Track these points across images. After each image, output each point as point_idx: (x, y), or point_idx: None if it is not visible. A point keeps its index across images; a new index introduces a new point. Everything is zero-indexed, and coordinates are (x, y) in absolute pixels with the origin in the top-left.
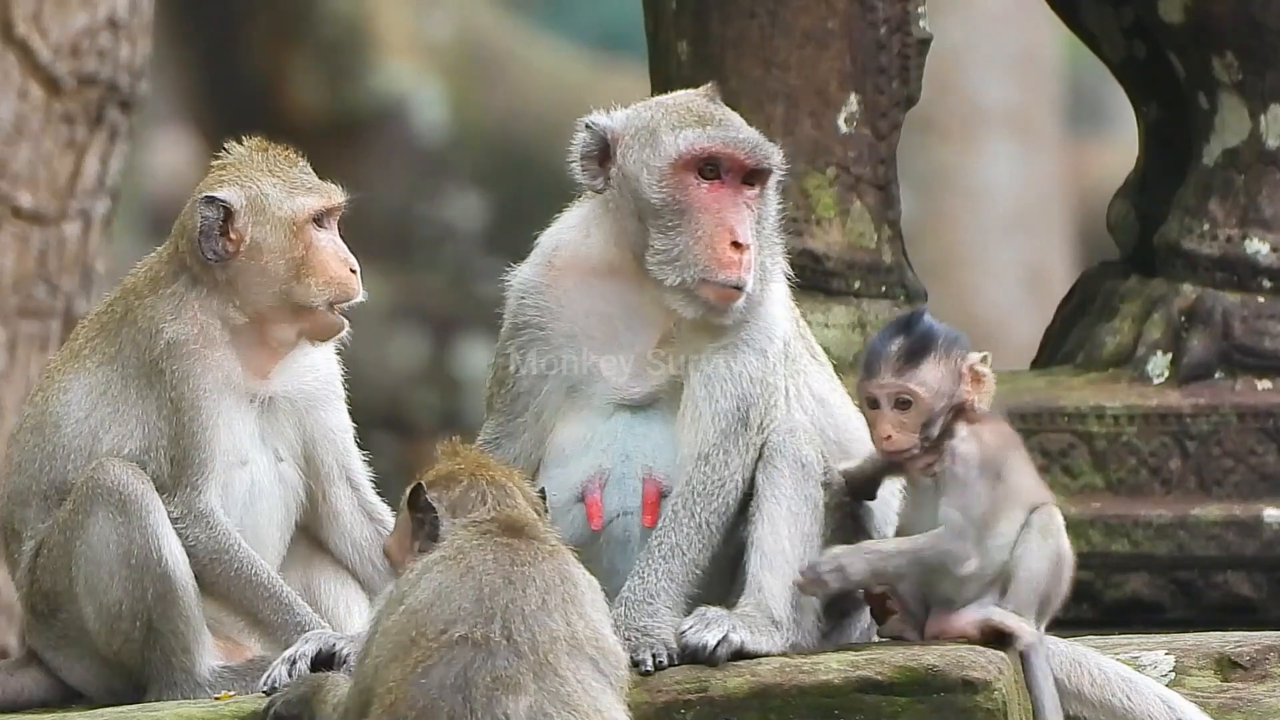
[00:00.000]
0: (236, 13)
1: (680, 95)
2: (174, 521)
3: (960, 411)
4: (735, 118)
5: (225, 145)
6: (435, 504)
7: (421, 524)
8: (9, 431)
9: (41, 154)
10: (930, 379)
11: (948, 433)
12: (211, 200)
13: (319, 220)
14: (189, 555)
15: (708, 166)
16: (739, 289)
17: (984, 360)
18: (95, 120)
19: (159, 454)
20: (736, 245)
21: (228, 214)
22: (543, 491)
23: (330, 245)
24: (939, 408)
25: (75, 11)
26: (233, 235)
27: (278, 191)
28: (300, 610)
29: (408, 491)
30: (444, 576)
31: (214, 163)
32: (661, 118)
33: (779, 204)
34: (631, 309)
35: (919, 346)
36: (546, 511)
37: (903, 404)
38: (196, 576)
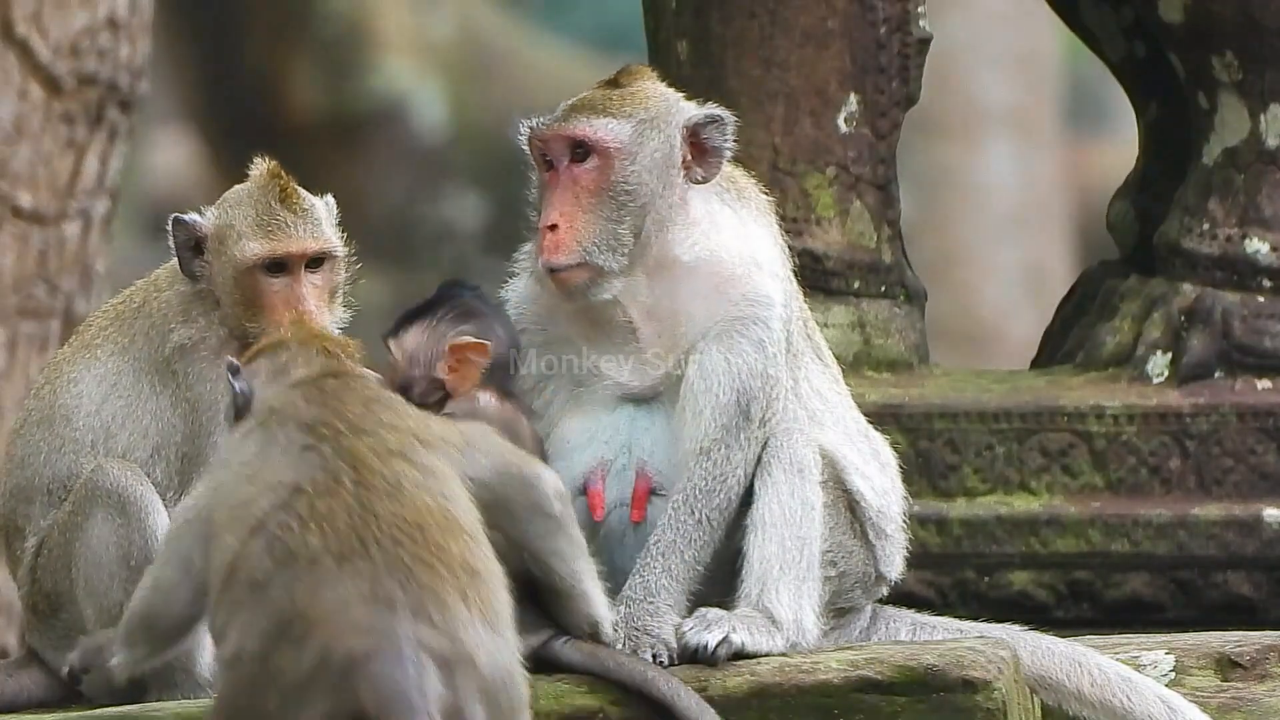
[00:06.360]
0: (236, 13)
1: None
2: None
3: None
4: (583, 98)
5: (252, 157)
6: (254, 373)
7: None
8: (11, 428)
9: (41, 154)
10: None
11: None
12: (179, 222)
13: (272, 266)
14: None
15: (543, 158)
16: (554, 271)
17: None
18: (95, 120)
19: (170, 450)
20: (542, 229)
21: (197, 236)
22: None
23: (282, 292)
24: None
25: (75, 11)
26: (206, 259)
27: (241, 228)
28: None
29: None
30: (260, 434)
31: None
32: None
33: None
34: (585, 309)
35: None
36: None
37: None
38: None
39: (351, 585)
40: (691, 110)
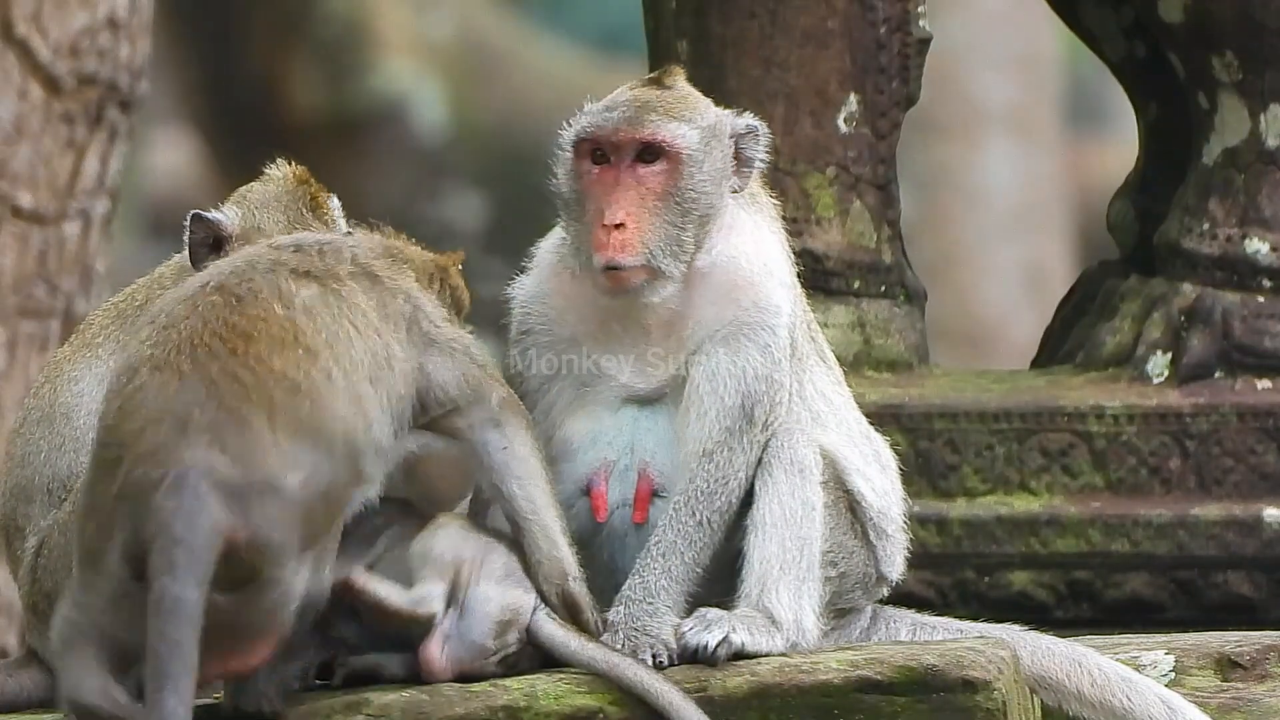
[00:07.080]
0: (236, 13)
1: (630, 84)
2: None
3: None
4: (638, 96)
5: (252, 157)
6: None
7: None
8: (11, 427)
9: (41, 154)
10: None
11: None
12: (200, 219)
13: None
14: None
15: (596, 151)
16: (615, 269)
17: None
18: (95, 120)
19: None
20: (606, 226)
21: (219, 235)
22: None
23: None
24: None
25: (75, 11)
26: (225, 255)
27: (271, 232)
28: None
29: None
30: None
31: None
32: (588, 105)
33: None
34: (621, 308)
35: None
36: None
37: None
38: None
39: (156, 401)
40: (733, 119)
